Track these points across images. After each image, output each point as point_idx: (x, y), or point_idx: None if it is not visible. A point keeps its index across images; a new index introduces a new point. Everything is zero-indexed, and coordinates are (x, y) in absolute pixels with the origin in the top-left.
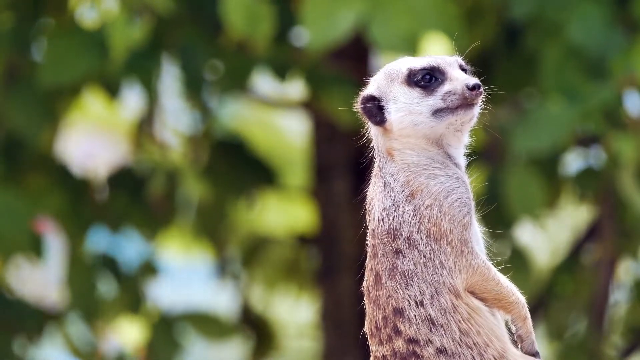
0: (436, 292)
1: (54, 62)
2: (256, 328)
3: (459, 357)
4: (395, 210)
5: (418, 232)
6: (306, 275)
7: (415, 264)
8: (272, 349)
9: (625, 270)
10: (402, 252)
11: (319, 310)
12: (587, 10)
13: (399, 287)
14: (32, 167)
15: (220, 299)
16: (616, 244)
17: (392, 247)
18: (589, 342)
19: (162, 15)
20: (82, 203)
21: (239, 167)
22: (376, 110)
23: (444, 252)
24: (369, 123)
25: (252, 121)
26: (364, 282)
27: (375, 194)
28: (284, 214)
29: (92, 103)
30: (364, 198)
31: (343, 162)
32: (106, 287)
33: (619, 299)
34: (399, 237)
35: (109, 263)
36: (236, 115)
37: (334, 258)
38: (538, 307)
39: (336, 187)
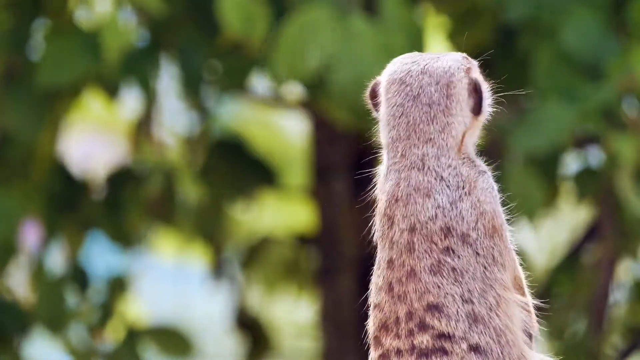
0: (485, 289)
1: (51, 63)
2: (251, 330)
3: (490, 354)
4: (452, 208)
5: (474, 229)
6: (306, 276)
7: (466, 261)
8: (268, 350)
9: (625, 270)
10: (452, 250)
11: (318, 310)
12: (580, 16)
13: (444, 283)
14: (25, 168)
15: (216, 301)
16: (616, 244)
17: (442, 244)
18: (588, 342)
19: (156, 16)
20: (78, 205)
21: (238, 167)
22: None
23: (497, 249)
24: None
25: (251, 121)
26: (382, 277)
27: (419, 189)
28: (284, 214)
29: (91, 103)
30: (363, 197)
31: (343, 162)
32: (73, 300)
33: (618, 299)
34: (452, 235)
35: (78, 275)
36: (235, 115)
37: (333, 258)
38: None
39: (336, 187)
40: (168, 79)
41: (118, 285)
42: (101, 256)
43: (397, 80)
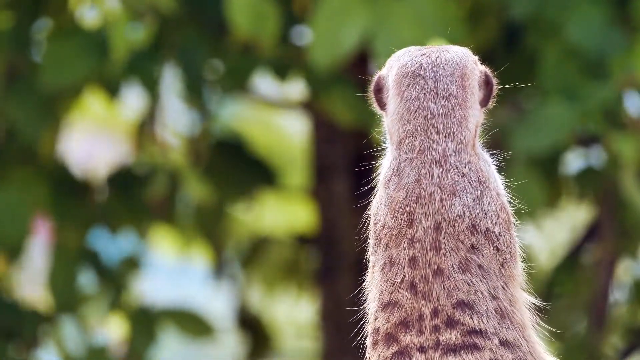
0: (506, 284)
1: (54, 64)
2: (252, 329)
3: (519, 348)
4: (475, 205)
5: (496, 224)
6: (306, 276)
7: (489, 258)
8: (268, 350)
9: (625, 270)
10: (477, 247)
11: (318, 310)
12: (586, 11)
13: (473, 280)
14: (29, 166)
15: (218, 300)
16: (616, 244)
17: (468, 242)
18: (589, 342)
19: (166, 16)
20: (82, 203)
21: (238, 167)
22: None
23: (513, 243)
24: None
25: (252, 121)
26: (402, 275)
27: (444, 187)
28: (284, 214)
29: (93, 103)
30: (363, 197)
31: (343, 162)
32: (88, 282)
33: (618, 299)
34: (478, 232)
35: (90, 257)
36: (236, 115)
37: (334, 258)
38: (538, 307)
39: (336, 187)
40: (171, 79)
41: (131, 265)
42: (109, 242)
43: (409, 73)
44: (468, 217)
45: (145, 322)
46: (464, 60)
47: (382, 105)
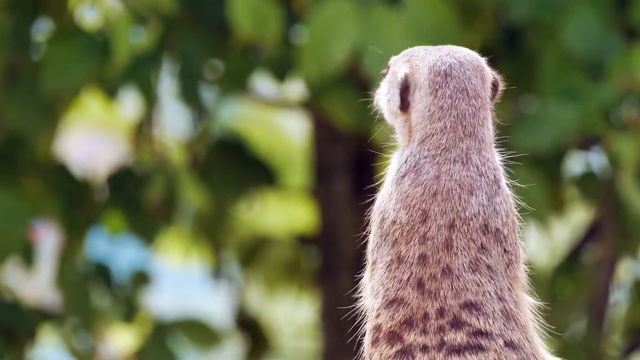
0: (511, 286)
1: (54, 66)
2: (251, 331)
3: (522, 350)
4: (489, 204)
5: (505, 225)
6: (306, 276)
7: (496, 259)
8: (267, 350)
9: (625, 270)
10: (486, 248)
11: (318, 310)
12: (583, 14)
13: (482, 280)
14: (30, 169)
15: (216, 302)
16: (616, 244)
17: (479, 242)
18: (589, 341)
19: (168, 17)
20: (81, 204)
21: (238, 167)
22: None
23: (518, 244)
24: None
25: (252, 121)
26: (410, 272)
27: (463, 185)
28: (284, 214)
29: (92, 104)
30: (364, 196)
31: (343, 162)
32: (99, 296)
33: (619, 299)
34: (488, 232)
35: (102, 271)
36: (236, 115)
37: (334, 258)
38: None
39: (336, 187)
40: (170, 80)
41: (141, 279)
42: (120, 252)
43: (441, 72)
44: (482, 217)
45: (159, 337)
46: (481, 61)
47: (405, 104)
